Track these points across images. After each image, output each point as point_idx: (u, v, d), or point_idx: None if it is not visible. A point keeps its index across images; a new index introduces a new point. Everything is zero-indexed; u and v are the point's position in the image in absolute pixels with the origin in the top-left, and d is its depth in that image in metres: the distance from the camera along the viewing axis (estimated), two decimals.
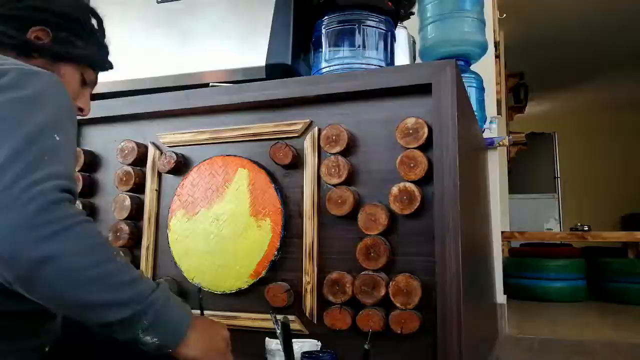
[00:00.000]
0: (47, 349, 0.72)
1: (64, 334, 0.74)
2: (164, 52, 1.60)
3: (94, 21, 0.98)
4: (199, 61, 1.55)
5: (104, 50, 1.00)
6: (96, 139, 1.59)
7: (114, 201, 1.49)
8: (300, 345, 1.09)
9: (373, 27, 1.46)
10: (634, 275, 3.39)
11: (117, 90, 1.58)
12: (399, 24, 1.71)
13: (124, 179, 1.48)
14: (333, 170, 1.27)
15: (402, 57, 1.77)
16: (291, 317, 1.26)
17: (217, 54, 1.54)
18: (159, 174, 1.48)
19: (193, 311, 0.75)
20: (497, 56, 2.75)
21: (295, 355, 0.87)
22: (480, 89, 2.00)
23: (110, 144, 1.55)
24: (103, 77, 1.08)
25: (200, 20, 1.59)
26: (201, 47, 1.57)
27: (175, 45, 1.60)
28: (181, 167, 1.45)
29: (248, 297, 1.33)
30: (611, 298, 3.48)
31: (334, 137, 1.28)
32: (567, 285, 3.49)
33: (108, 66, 1.01)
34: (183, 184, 1.44)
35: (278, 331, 0.95)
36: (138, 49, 1.62)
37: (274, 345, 1.03)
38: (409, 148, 1.21)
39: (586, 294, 3.57)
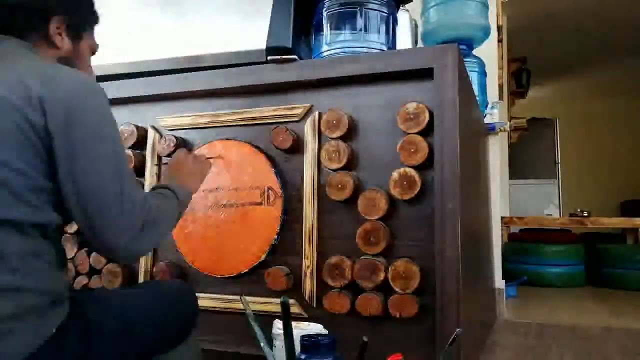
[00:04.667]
0: (53, 330, 0.74)
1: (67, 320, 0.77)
2: (164, 34, 1.59)
3: None
4: (200, 44, 1.54)
5: (94, 9, 1.03)
6: None
7: None
8: (301, 330, 1.09)
9: (375, 10, 1.44)
10: (632, 262, 3.41)
11: (116, 73, 1.57)
12: (401, 7, 1.69)
13: None
14: (333, 155, 1.26)
15: (404, 40, 1.76)
16: (291, 301, 1.26)
17: (218, 37, 1.52)
18: (159, 158, 1.48)
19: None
20: (499, 40, 2.72)
21: (295, 339, 0.88)
22: (482, 74, 1.99)
23: None
24: (102, 60, 1.07)
25: (200, 2, 1.57)
26: (201, 30, 1.55)
27: (175, 27, 1.59)
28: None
29: (248, 280, 1.34)
30: (609, 284, 3.51)
31: (334, 122, 1.27)
32: (565, 271, 3.51)
33: (98, 18, 1.04)
34: None
35: (247, 311, 0.98)
36: (138, 32, 1.61)
37: (275, 329, 1.04)
38: (409, 133, 1.20)
39: (584, 279, 3.59)
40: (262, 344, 0.94)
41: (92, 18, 1.00)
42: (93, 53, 1.01)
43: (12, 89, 0.75)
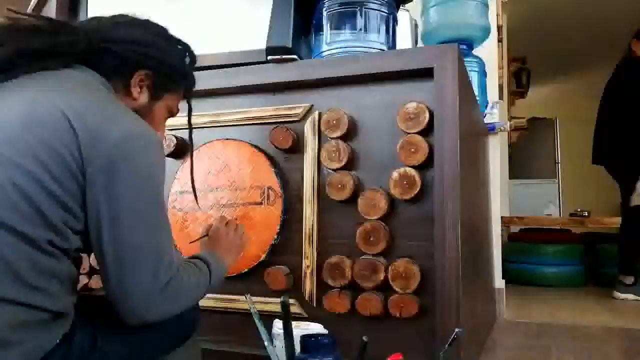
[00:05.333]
0: (57, 341, 0.74)
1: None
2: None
3: (187, 59, 1.02)
4: (199, 43, 1.53)
5: (191, 78, 1.04)
6: None
7: None
8: (301, 330, 1.09)
9: (375, 9, 1.44)
10: None
11: None
12: (401, 7, 1.69)
13: None
14: (333, 154, 1.26)
15: (404, 40, 1.75)
16: (291, 301, 1.26)
17: (217, 37, 1.52)
18: None
19: None
20: (499, 40, 2.72)
21: (295, 339, 0.88)
22: (482, 74, 1.99)
23: None
24: None
25: (200, 2, 1.57)
26: (201, 29, 1.55)
27: (174, 27, 1.58)
28: (181, 150, 1.45)
29: (248, 280, 1.34)
30: (609, 283, 3.49)
31: (334, 122, 1.27)
32: (565, 271, 3.51)
33: (192, 87, 1.05)
34: (183, 168, 1.43)
35: (252, 309, 0.97)
36: None
37: (275, 329, 1.04)
38: (409, 133, 1.20)
39: (584, 279, 3.58)
40: (266, 343, 0.94)
41: (182, 83, 1.00)
42: (171, 115, 1.01)
43: (73, 117, 0.74)
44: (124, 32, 0.90)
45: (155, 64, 0.91)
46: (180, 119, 1.46)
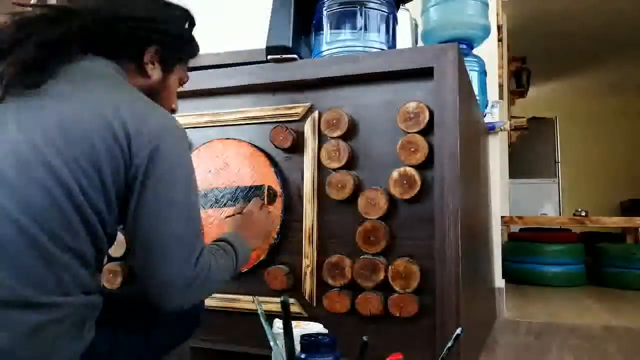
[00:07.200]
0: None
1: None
2: None
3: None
4: (199, 43, 1.53)
5: (195, 44, 1.02)
6: None
7: None
8: (301, 330, 1.09)
9: (375, 9, 1.44)
10: (631, 261, 3.41)
11: None
12: (401, 7, 1.69)
13: None
14: (333, 154, 1.26)
15: (404, 40, 1.75)
16: (291, 300, 1.26)
17: (218, 36, 1.52)
18: None
19: None
20: (499, 40, 2.72)
21: (295, 339, 0.88)
22: (482, 73, 1.99)
23: None
24: None
25: (200, 1, 1.57)
26: (201, 29, 1.55)
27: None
28: None
29: (248, 279, 1.34)
30: (609, 283, 3.50)
31: (334, 121, 1.27)
32: (565, 270, 3.51)
33: (196, 53, 1.03)
34: None
35: (259, 311, 0.97)
36: None
37: (275, 328, 1.03)
38: (409, 132, 1.20)
39: (584, 278, 3.58)
40: (271, 344, 0.94)
41: (188, 51, 0.99)
42: (181, 84, 1.00)
43: (106, 113, 0.74)
44: (126, 8, 0.87)
45: (164, 37, 0.90)
46: (181, 119, 1.46)
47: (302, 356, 0.82)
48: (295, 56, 1.35)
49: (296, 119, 1.33)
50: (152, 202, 0.76)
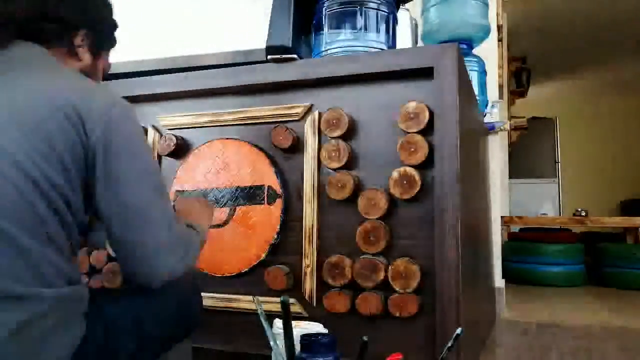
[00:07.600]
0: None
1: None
2: (164, 34, 1.59)
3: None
4: (199, 43, 1.54)
5: (115, 29, 1.03)
6: None
7: None
8: (301, 330, 1.09)
9: (375, 9, 1.44)
10: (631, 261, 3.41)
11: (116, 72, 1.57)
12: (401, 7, 1.69)
13: None
14: (333, 154, 1.26)
15: (404, 40, 1.75)
16: (291, 300, 1.26)
17: (218, 36, 1.52)
18: (159, 157, 1.47)
19: None
20: (499, 40, 2.72)
21: (295, 339, 0.87)
22: (482, 73, 1.99)
23: None
24: None
25: (200, 1, 1.57)
26: (201, 29, 1.55)
27: (175, 27, 1.59)
28: (181, 150, 1.45)
29: (248, 280, 1.34)
30: (609, 283, 3.51)
31: (334, 121, 1.27)
32: (565, 270, 3.51)
33: (115, 43, 1.04)
34: (182, 167, 1.43)
35: (259, 311, 0.97)
36: (138, 31, 1.61)
37: (275, 328, 1.03)
38: (409, 132, 1.20)
39: (584, 278, 3.59)
40: (271, 344, 0.94)
41: (111, 38, 1.00)
42: (105, 73, 1.02)
43: (54, 97, 0.74)
44: None
45: (93, 21, 0.92)
46: (180, 119, 1.46)
47: (302, 356, 0.82)
48: (295, 56, 1.35)
49: (296, 119, 1.33)
50: (120, 173, 0.77)
